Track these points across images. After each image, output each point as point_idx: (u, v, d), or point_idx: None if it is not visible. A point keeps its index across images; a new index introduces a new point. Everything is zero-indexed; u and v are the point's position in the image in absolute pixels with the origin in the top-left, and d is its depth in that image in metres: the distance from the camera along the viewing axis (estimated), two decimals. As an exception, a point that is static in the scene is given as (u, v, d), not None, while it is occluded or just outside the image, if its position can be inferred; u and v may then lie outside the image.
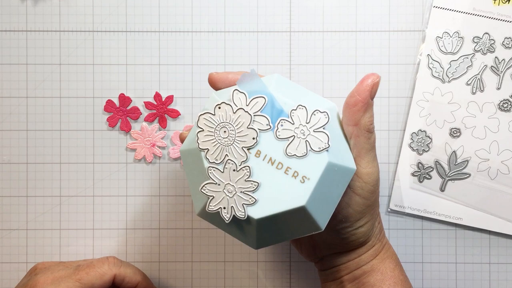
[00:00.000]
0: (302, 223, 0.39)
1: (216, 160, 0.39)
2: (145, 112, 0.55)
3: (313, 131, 0.39)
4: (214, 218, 0.40)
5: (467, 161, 0.53)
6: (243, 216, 0.38)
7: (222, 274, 0.55)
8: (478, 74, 0.54)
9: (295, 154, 0.39)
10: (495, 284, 0.54)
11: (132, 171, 0.55)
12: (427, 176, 0.54)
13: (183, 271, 0.55)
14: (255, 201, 0.38)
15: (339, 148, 0.41)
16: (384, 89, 0.55)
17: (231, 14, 0.55)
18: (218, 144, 0.39)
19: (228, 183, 0.39)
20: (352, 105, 0.42)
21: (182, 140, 0.45)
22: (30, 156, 0.55)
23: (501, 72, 0.53)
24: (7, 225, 0.55)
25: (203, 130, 0.40)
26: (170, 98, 0.55)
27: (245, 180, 0.39)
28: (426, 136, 0.54)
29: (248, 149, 0.39)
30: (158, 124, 0.55)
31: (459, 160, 0.54)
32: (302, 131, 0.39)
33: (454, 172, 0.54)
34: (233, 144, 0.39)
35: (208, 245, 0.55)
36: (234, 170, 0.39)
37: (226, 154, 0.39)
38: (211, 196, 0.39)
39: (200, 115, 0.40)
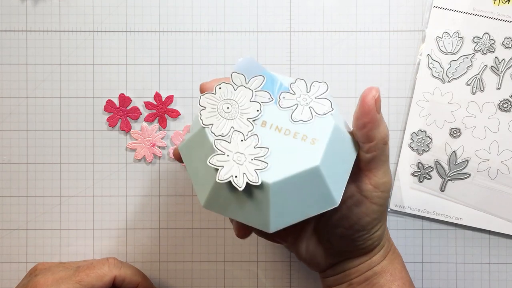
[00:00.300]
0: (316, 193, 0.39)
1: (222, 133, 0.39)
2: (145, 112, 0.55)
3: (315, 98, 0.40)
4: (222, 205, 0.39)
5: (467, 161, 0.53)
6: (257, 181, 0.37)
7: (222, 274, 0.55)
8: (478, 74, 0.54)
9: (301, 119, 0.39)
10: (495, 284, 0.54)
11: (132, 171, 0.55)
12: (427, 176, 0.54)
13: (183, 271, 0.55)
14: (267, 166, 0.37)
15: (342, 127, 0.41)
16: (384, 89, 0.55)
17: (231, 14, 0.55)
18: (222, 118, 0.39)
19: (237, 152, 0.38)
20: (362, 127, 0.41)
21: (175, 155, 0.45)
22: (30, 156, 0.55)
23: (501, 72, 0.53)
24: (7, 225, 0.55)
25: (205, 108, 0.40)
26: (170, 98, 0.55)
27: (254, 147, 0.38)
28: (426, 136, 0.54)
29: (253, 120, 0.39)
30: (158, 124, 0.55)
31: (459, 160, 0.54)
32: (304, 99, 0.40)
33: (454, 172, 0.54)
34: (238, 117, 0.39)
35: (208, 245, 0.55)
36: (241, 140, 0.38)
37: (232, 127, 0.39)
38: (220, 166, 0.38)
39: (202, 95, 0.40)
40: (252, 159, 0.38)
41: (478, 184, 0.53)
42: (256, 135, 0.39)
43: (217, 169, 0.38)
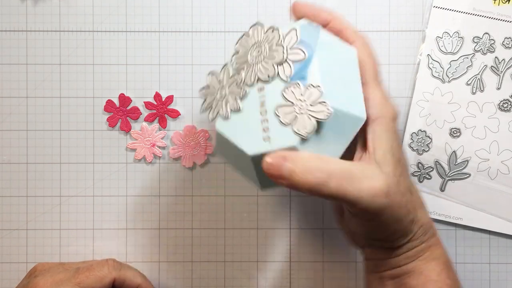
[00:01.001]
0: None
1: (238, 66, 0.43)
2: (145, 112, 0.55)
3: (310, 107, 0.40)
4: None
5: (467, 161, 0.53)
6: (226, 115, 0.42)
7: (222, 274, 0.55)
8: (478, 74, 0.54)
9: (280, 118, 0.40)
10: (495, 284, 0.54)
11: (132, 171, 0.55)
12: (427, 176, 0.54)
13: (183, 271, 0.55)
14: (240, 109, 0.41)
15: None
16: (384, 89, 0.54)
17: (231, 14, 0.55)
18: (247, 60, 0.42)
19: (224, 90, 0.43)
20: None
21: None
22: (30, 156, 0.55)
23: (501, 72, 0.53)
24: (7, 225, 0.55)
25: (238, 53, 0.43)
26: (170, 98, 0.55)
27: (233, 99, 0.42)
28: (426, 136, 0.54)
29: (259, 80, 0.41)
30: (158, 124, 0.55)
31: (459, 160, 0.54)
32: (300, 108, 0.40)
33: (454, 172, 0.54)
34: (256, 66, 0.41)
35: (208, 245, 0.55)
36: (236, 84, 0.42)
37: (243, 68, 0.42)
38: (206, 96, 0.45)
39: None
40: (227, 102, 0.42)
41: (478, 184, 0.53)
42: (246, 91, 0.42)
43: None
